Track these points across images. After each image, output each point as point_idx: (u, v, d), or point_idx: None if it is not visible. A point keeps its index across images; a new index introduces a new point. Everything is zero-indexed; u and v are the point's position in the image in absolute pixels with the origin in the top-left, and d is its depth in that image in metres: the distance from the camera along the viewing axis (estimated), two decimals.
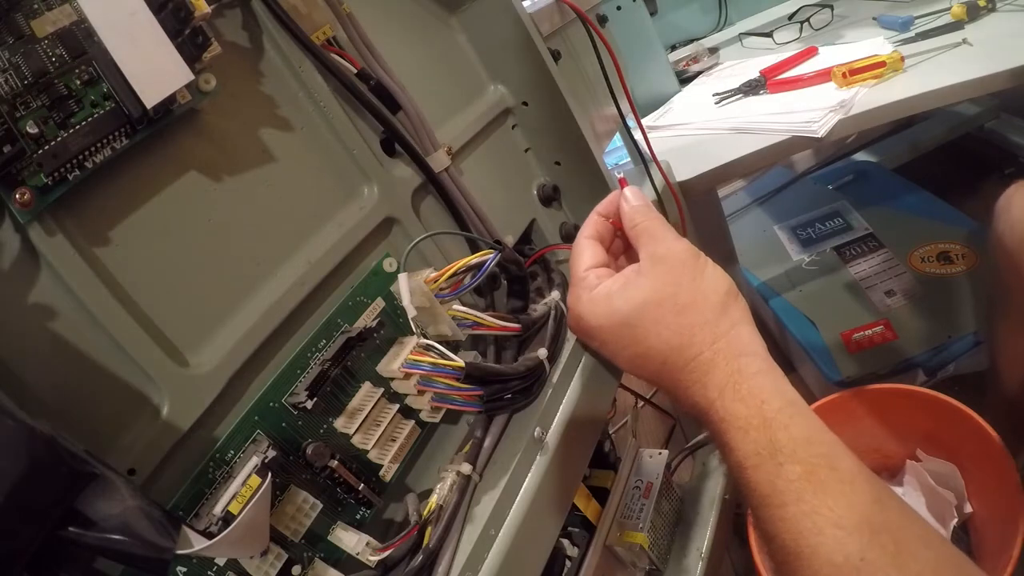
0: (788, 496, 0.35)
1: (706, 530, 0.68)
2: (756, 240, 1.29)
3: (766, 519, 0.36)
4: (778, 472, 0.35)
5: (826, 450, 0.36)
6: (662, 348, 0.41)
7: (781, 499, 0.35)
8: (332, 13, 0.46)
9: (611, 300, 0.43)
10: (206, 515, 0.34)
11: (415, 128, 0.50)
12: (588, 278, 0.45)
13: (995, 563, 0.69)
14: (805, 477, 0.35)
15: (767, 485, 0.35)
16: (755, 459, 0.36)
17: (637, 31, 1.14)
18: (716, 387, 0.39)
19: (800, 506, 0.34)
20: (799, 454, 0.35)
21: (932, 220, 1.14)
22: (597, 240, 0.47)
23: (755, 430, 0.37)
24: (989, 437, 0.73)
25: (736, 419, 0.37)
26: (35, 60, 0.31)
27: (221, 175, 0.39)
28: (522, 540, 0.40)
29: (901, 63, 0.92)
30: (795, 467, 0.35)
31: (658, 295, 0.41)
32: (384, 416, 0.43)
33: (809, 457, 0.35)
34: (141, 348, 0.34)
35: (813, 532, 0.33)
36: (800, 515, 0.34)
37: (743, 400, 0.38)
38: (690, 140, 1.01)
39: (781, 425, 0.36)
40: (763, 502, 0.36)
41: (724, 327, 0.40)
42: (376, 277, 0.46)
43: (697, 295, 0.41)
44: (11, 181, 0.30)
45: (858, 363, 0.98)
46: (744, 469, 0.37)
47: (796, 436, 0.36)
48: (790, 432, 0.36)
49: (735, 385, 0.38)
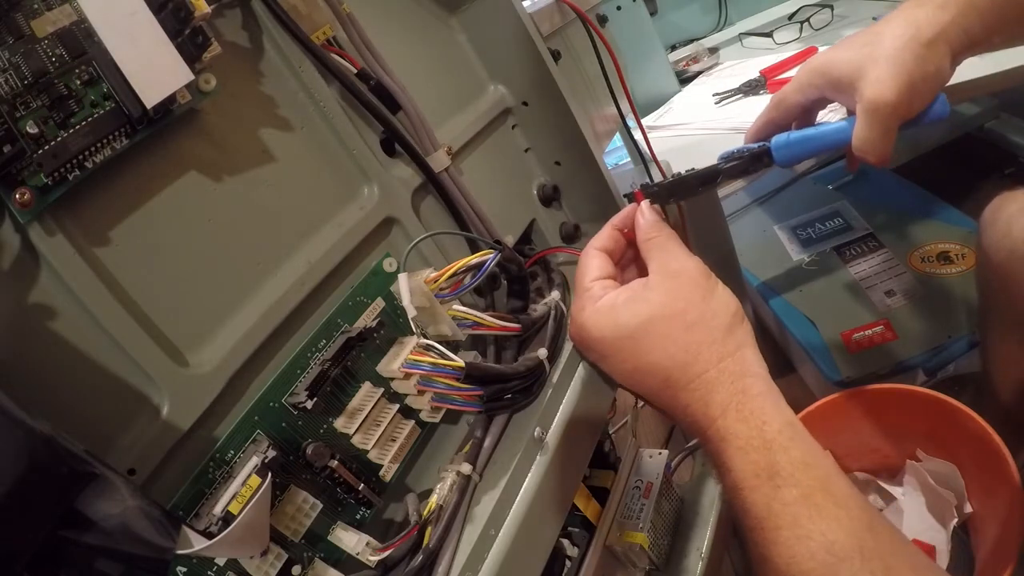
0: (783, 519, 0.35)
1: (706, 530, 0.67)
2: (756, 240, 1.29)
3: (760, 542, 0.36)
4: (775, 495, 0.35)
5: (823, 474, 0.36)
6: (666, 364, 0.40)
7: (776, 522, 0.35)
8: (332, 13, 0.46)
9: (616, 313, 0.42)
10: (206, 515, 0.34)
11: (415, 128, 0.50)
12: (594, 289, 0.45)
13: (995, 563, 0.69)
14: (801, 501, 0.35)
15: (763, 507, 0.35)
16: (753, 480, 0.36)
17: (637, 31, 1.14)
18: (719, 406, 0.38)
19: (795, 530, 0.34)
20: (797, 477, 0.35)
21: (932, 220, 1.14)
22: (606, 252, 0.47)
23: (755, 451, 0.37)
24: (989, 437, 0.73)
25: (737, 439, 0.37)
26: (35, 60, 0.31)
27: (221, 175, 0.39)
28: (522, 540, 0.40)
29: None
30: (792, 490, 0.35)
31: (667, 310, 0.41)
32: (384, 416, 0.43)
33: (807, 480, 0.35)
34: (141, 348, 0.34)
35: (806, 557, 0.33)
36: (794, 539, 0.34)
37: (745, 420, 0.37)
38: (690, 140, 1.01)
39: (781, 447, 0.36)
40: (758, 524, 0.36)
41: (730, 347, 0.40)
42: (376, 277, 0.46)
43: (706, 314, 0.41)
44: (11, 181, 0.30)
45: (858, 363, 0.98)
46: (741, 490, 0.37)
47: (795, 459, 0.36)
48: (789, 455, 0.36)
49: (738, 405, 0.38)
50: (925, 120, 0.43)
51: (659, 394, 0.42)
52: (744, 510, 0.37)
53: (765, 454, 0.36)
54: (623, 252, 0.48)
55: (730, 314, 0.41)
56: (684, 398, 0.40)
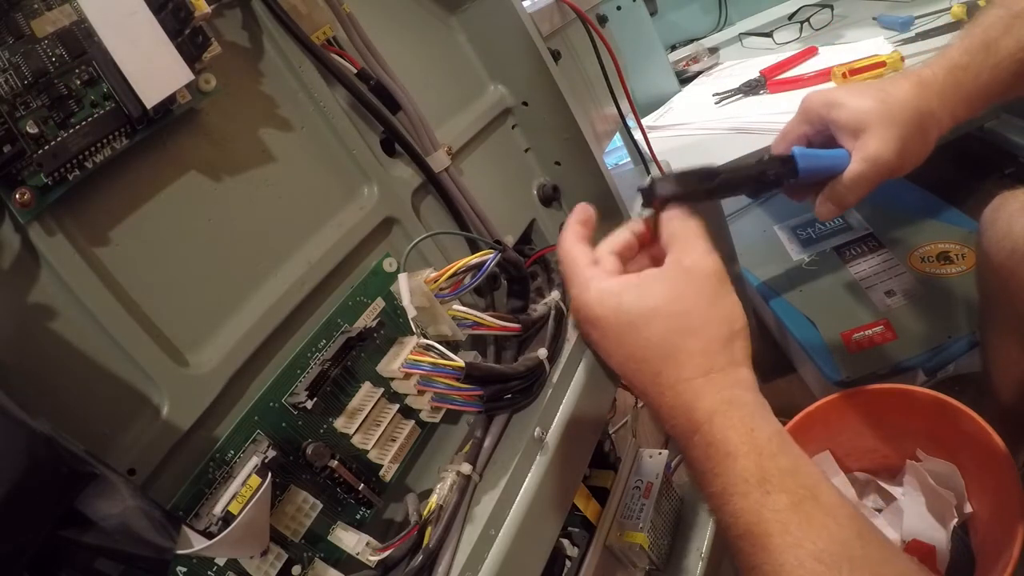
0: (773, 527, 0.34)
1: (706, 530, 0.68)
2: (756, 240, 1.29)
3: (747, 551, 0.35)
4: (764, 501, 0.35)
5: (812, 482, 0.35)
6: (658, 360, 0.40)
7: (766, 529, 0.34)
8: (332, 13, 0.46)
9: (622, 296, 0.41)
10: (206, 515, 0.34)
11: (415, 128, 0.50)
12: (607, 262, 0.43)
13: (995, 563, 0.69)
14: (791, 508, 0.34)
15: (752, 514, 0.35)
16: (743, 487, 0.35)
17: (637, 31, 1.14)
18: (704, 412, 0.38)
19: (784, 538, 0.34)
20: (787, 483, 0.35)
21: (932, 220, 1.14)
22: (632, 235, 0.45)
23: (744, 457, 0.36)
24: (989, 437, 0.73)
25: (725, 444, 0.37)
26: (35, 60, 0.31)
27: (221, 175, 0.39)
28: (522, 540, 0.40)
29: (901, 63, 0.92)
30: (782, 497, 0.34)
31: (670, 308, 0.40)
32: (384, 416, 0.43)
33: (796, 488, 0.35)
34: (141, 348, 0.34)
35: (795, 565, 0.33)
36: (784, 547, 0.34)
37: (734, 428, 0.37)
38: (690, 140, 1.01)
39: (770, 454, 0.36)
40: (747, 532, 0.35)
41: (721, 362, 0.39)
42: (376, 277, 0.46)
43: (708, 321, 0.40)
44: (11, 181, 0.30)
45: (858, 363, 0.98)
46: (729, 496, 0.36)
47: (784, 466, 0.36)
48: (778, 462, 0.36)
49: (725, 412, 0.37)
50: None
51: (648, 389, 0.41)
52: (733, 517, 0.36)
53: (755, 459, 0.36)
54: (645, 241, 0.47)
55: (731, 327, 0.40)
56: (670, 399, 0.39)
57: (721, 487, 0.37)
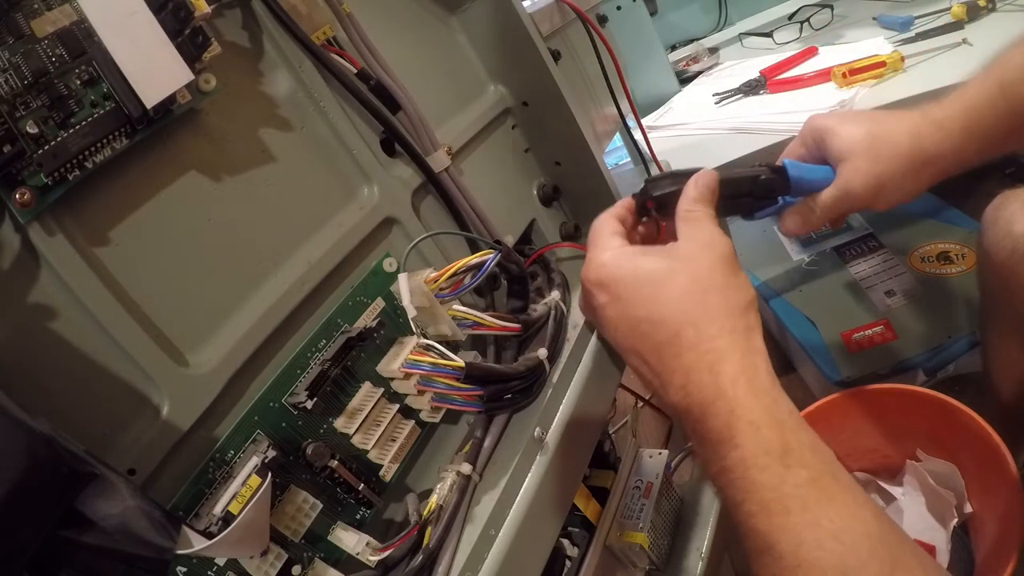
0: (793, 502, 0.33)
1: (706, 530, 0.67)
2: (756, 240, 1.29)
3: (763, 529, 0.34)
4: (785, 476, 0.34)
5: (829, 459, 0.35)
6: (680, 318, 0.39)
7: (785, 504, 0.33)
8: (332, 13, 0.46)
9: (640, 259, 0.41)
10: (206, 515, 0.34)
11: (415, 128, 0.50)
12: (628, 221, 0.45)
13: (995, 563, 0.69)
14: (811, 483, 0.34)
15: (772, 490, 0.34)
16: (764, 459, 0.34)
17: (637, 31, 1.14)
18: (729, 376, 0.37)
19: (804, 515, 0.33)
20: (807, 459, 0.34)
21: (932, 220, 1.14)
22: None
23: (767, 428, 0.35)
24: (989, 437, 0.73)
25: (749, 412, 0.35)
26: (35, 60, 0.31)
27: (221, 175, 0.39)
28: (522, 540, 0.40)
29: (901, 63, 0.92)
30: (802, 471, 0.34)
31: (692, 269, 0.40)
32: (384, 416, 0.43)
33: (816, 464, 0.34)
34: (141, 348, 0.34)
35: (814, 545, 0.32)
36: (803, 525, 0.33)
37: (757, 396, 0.36)
38: (690, 140, 1.01)
39: (791, 428, 0.35)
40: (763, 508, 0.34)
41: (743, 324, 0.39)
42: (376, 277, 0.46)
43: (728, 286, 0.40)
44: (11, 181, 0.30)
45: (858, 363, 0.97)
46: (746, 469, 0.35)
47: (804, 441, 0.35)
48: (799, 436, 0.35)
49: (750, 379, 0.36)
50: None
51: (663, 352, 0.39)
52: (750, 492, 0.35)
53: (777, 431, 0.35)
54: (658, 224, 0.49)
55: (747, 295, 0.40)
56: (690, 360, 0.38)
57: (739, 458, 0.35)
